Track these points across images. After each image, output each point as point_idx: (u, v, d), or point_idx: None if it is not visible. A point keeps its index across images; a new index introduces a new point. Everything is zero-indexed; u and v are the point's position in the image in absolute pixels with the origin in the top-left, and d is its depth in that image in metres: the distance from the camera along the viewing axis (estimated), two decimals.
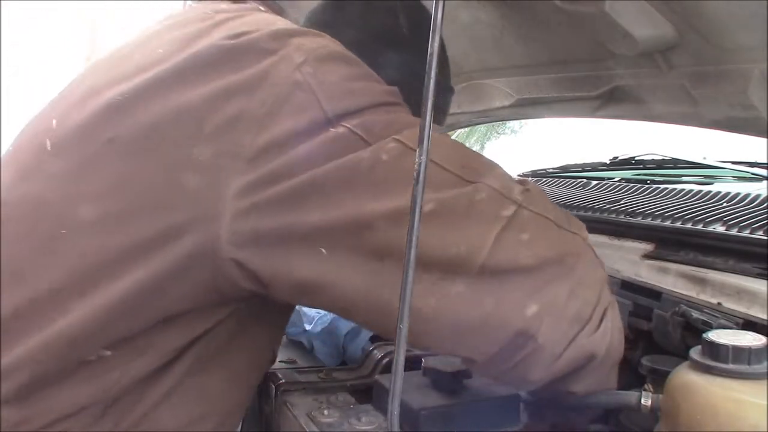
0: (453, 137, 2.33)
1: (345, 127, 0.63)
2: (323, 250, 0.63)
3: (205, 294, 0.65)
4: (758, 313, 0.74)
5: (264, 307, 0.72)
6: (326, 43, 0.69)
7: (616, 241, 1.01)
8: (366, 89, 0.68)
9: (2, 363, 0.62)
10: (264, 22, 0.70)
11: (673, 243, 0.92)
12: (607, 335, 0.69)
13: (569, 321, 0.65)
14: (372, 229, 0.62)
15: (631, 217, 1.03)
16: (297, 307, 1.06)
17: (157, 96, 0.65)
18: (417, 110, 0.60)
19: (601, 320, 0.68)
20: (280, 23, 0.71)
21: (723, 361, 0.56)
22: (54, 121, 0.70)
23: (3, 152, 0.76)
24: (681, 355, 0.74)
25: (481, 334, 0.64)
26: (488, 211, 0.64)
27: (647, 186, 1.21)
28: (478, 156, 0.72)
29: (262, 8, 0.79)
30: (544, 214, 0.67)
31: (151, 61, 0.68)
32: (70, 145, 0.67)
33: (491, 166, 0.69)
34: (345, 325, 1.12)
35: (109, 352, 0.64)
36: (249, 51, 0.65)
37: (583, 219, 1.10)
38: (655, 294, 0.89)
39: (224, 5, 0.77)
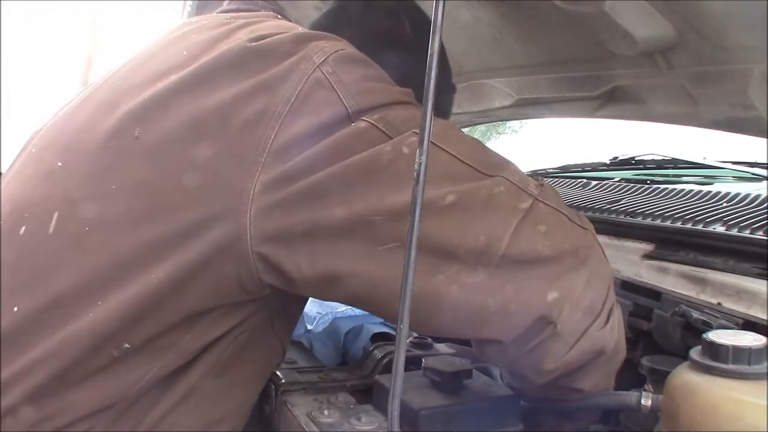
0: None
1: (366, 122, 0.65)
2: (347, 243, 0.64)
3: (228, 290, 0.65)
4: (758, 313, 0.74)
5: (280, 308, 0.73)
6: (344, 46, 0.71)
7: (616, 241, 1.01)
8: (383, 89, 0.70)
9: (21, 362, 0.62)
10: (283, 26, 0.73)
11: (673, 243, 0.92)
12: (615, 331, 0.71)
13: (584, 311, 0.67)
14: (394, 221, 0.63)
15: (631, 217, 1.03)
16: None
17: (183, 97, 0.66)
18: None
19: (609, 316, 0.70)
20: (299, 28, 0.74)
21: (723, 362, 0.56)
22: (80, 124, 0.71)
23: (23, 154, 0.77)
24: (681, 355, 0.74)
25: (503, 318, 0.66)
26: (507, 203, 0.66)
27: (647, 186, 1.21)
28: (493, 152, 0.74)
29: (279, 16, 0.81)
30: (559, 208, 0.70)
31: (176, 64, 0.69)
32: (96, 147, 0.67)
33: (506, 162, 0.71)
34: (345, 325, 1.12)
35: (130, 346, 0.64)
36: (271, 52, 0.67)
37: None
38: (655, 294, 0.89)
39: (241, 13, 0.79)
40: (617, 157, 1.55)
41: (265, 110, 0.64)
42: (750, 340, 0.57)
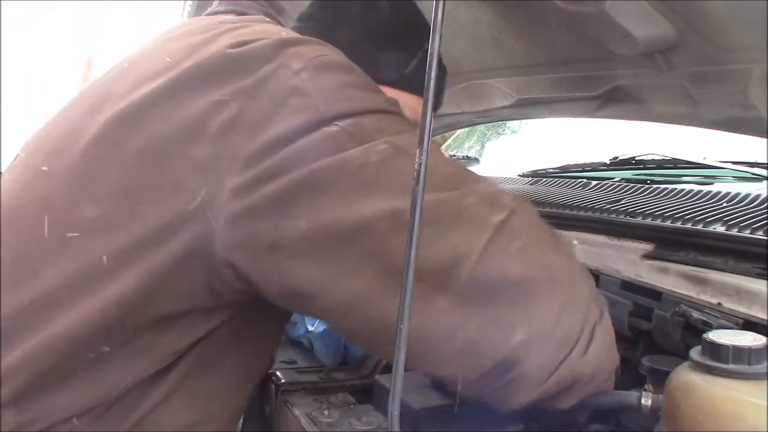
0: (453, 137, 2.34)
1: (337, 126, 0.64)
2: (313, 260, 0.62)
3: (202, 294, 0.66)
4: (758, 313, 0.74)
5: (262, 310, 0.72)
6: (327, 51, 0.71)
7: (616, 241, 1.01)
8: (362, 96, 0.68)
9: (2, 364, 0.63)
10: (267, 31, 0.72)
11: (673, 243, 0.92)
12: (596, 356, 0.66)
13: (557, 345, 0.63)
14: (359, 234, 0.61)
15: (631, 217, 1.03)
16: None
17: (163, 104, 0.66)
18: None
19: (589, 341, 0.66)
20: (284, 33, 0.73)
21: (723, 361, 0.56)
22: (65, 128, 0.72)
23: (17, 157, 0.78)
24: (681, 355, 0.74)
25: (464, 359, 0.62)
26: (477, 217, 0.63)
27: (647, 186, 1.21)
28: (464, 167, 0.72)
29: (267, 19, 0.81)
30: (536, 224, 0.67)
31: (159, 69, 0.69)
32: (78, 152, 0.68)
33: (479, 176, 0.69)
34: None
35: (108, 349, 0.64)
36: (250, 59, 0.67)
37: (583, 219, 1.11)
38: (655, 294, 0.89)
39: (229, 16, 0.78)
40: (617, 157, 1.54)
41: (241, 118, 0.64)
42: (750, 340, 0.57)
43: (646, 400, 0.68)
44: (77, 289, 0.64)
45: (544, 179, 1.56)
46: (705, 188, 1.10)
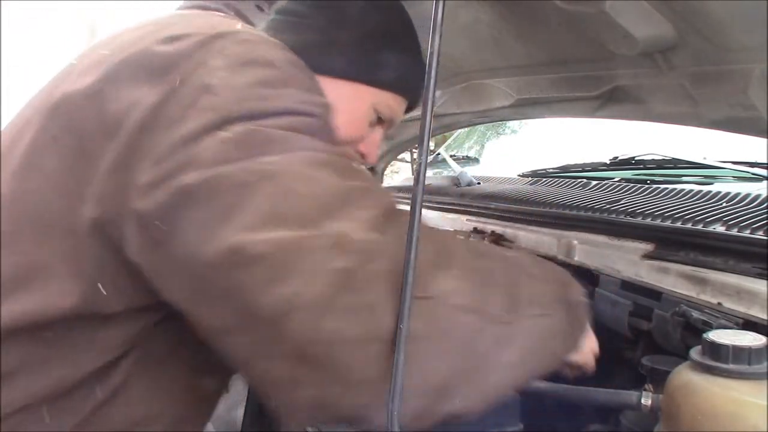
0: (453, 137, 2.34)
1: (231, 132, 0.61)
2: (187, 283, 0.61)
3: (132, 292, 0.65)
4: (758, 313, 0.74)
5: None
6: (255, 47, 0.69)
7: (616, 241, 1.01)
8: (280, 95, 0.65)
9: None
10: (201, 26, 0.70)
11: (673, 243, 0.92)
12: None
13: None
14: (209, 270, 0.57)
15: (631, 217, 1.03)
16: None
17: (92, 99, 0.66)
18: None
19: None
20: (223, 26, 0.71)
21: (723, 361, 0.56)
22: (21, 121, 0.73)
23: None
24: (681, 355, 0.74)
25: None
26: (318, 265, 0.56)
27: (647, 186, 1.21)
28: (333, 193, 0.62)
29: (224, 13, 0.80)
30: (387, 272, 0.57)
31: (96, 62, 0.70)
32: (19, 152, 0.69)
33: (345, 205, 0.60)
34: None
35: (44, 344, 0.65)
36: (174, 56, 0.66)
37: (583, 219, 1.11)
38: (655, 294, 0.89)
39: (194, 11, 0.78)
40: (617, 157, 1.55)
41: (158, 116, 0.63)
42: (750, 340, 0.57)
43: (646, 400, 0.68)
44: (13, 286, 0.64)
45: (544, 179, 1.56)
46: (705, 188, 1.10)
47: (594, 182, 1.38)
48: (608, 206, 1.11)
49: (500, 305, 0.63)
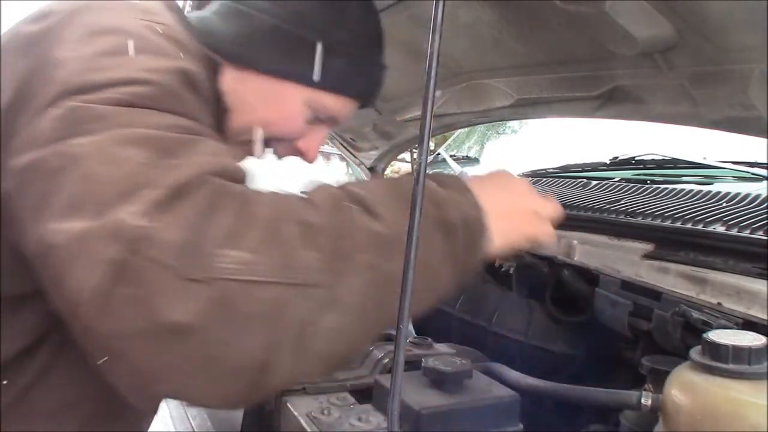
0: (453, 137, 2.33)
1: (62, 108, 0.58)
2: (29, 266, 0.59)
3: (33, 275, 0.61)
4: (758, 313, 0.74)
5: None
6: (110, 15, 0.67)
7: (616, 241, 1.01)
8: (119, 64, 0.62)
9: None
10: (77, 2, 0.69)
11: (673, 243, 0.92)
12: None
13: None
14: (33, 258, 0.57)
15: (631, 217, 1.03)
16: None
17: None
18: None
19: None
20: (92, 3, 0.68)
21: (723, 361, 0.56)
22: None
23: None
24: (681, 355, 0.74)
25: None
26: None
27: (647, 186, 1.21)
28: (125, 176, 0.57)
29: None
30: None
31: None
32: None
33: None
34: None
35: None
36: (37, 35, 0.66)
37: (583, 219, 1.11)
38: (655, 294, 0.89)
39: None
40: (617, 157, 1.55)
41: (19, 96, 0.62)
42: (750, 340, 0.57)
43: (646, 400, 0.68)
44: None
45: (544, 179, 1.56)
46: (705, 188, 1.10)
47: (594, 182, 1.38)
48: (608, 206, 1.11)
49: (317, 267, 0.58)
